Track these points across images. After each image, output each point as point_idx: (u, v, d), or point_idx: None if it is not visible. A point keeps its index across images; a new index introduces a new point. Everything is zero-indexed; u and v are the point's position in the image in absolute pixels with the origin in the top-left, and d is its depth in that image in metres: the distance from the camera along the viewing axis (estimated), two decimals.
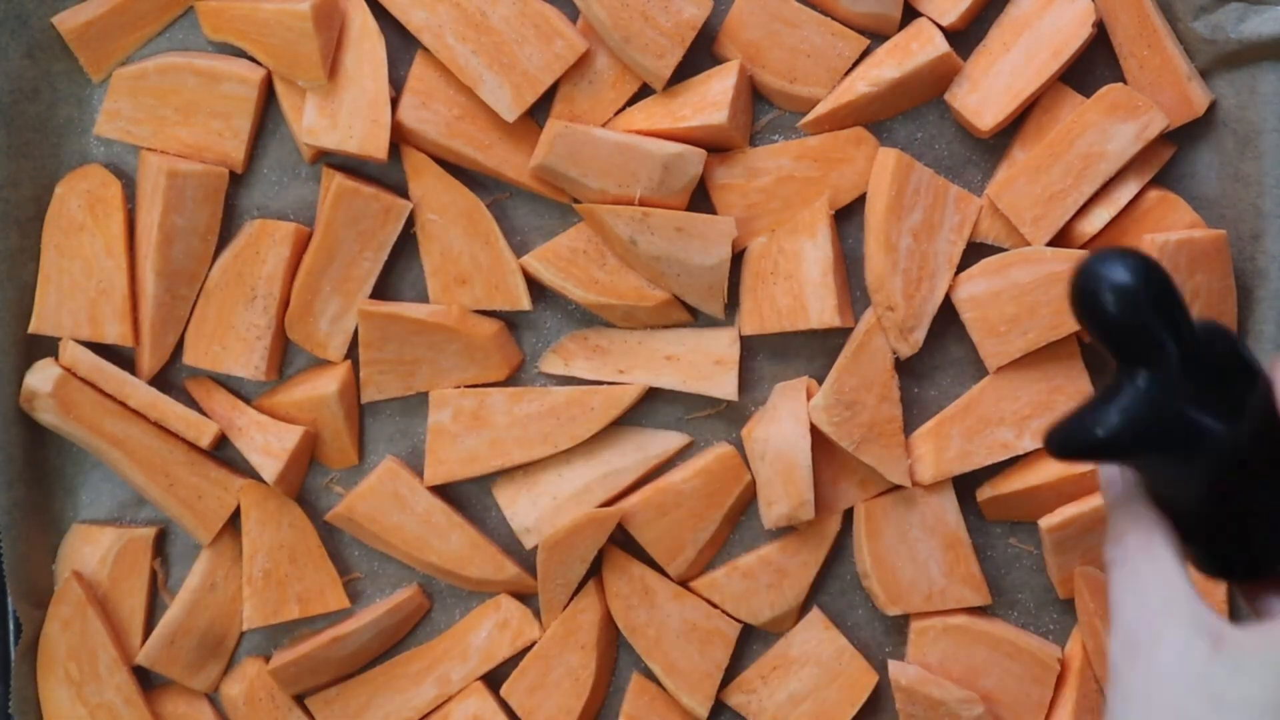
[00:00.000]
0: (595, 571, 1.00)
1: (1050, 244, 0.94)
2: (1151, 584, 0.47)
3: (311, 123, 0.94)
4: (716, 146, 0.96)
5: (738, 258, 0.98)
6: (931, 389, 0.99)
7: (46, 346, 0.99)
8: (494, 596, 1.01)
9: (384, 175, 0.99)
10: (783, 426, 0.94)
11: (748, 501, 1.00)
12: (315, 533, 1.00)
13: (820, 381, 0.97)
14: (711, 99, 0.93)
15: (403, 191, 0.98)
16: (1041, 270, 0.92)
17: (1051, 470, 0.95)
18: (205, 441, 0.97)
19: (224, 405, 0.99)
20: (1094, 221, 0.94)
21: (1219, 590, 0.95)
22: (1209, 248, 0.92)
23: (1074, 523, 0.94)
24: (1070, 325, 0.93)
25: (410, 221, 0.98)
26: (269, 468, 0.96)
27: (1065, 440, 0.57)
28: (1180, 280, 0.92)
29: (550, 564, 0.97)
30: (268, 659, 1.01)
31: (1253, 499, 0.57)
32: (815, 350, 0.99)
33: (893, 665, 0.96)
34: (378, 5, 0.95)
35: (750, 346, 0.99)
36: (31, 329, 0.97)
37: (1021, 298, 0.93)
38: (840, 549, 1.00)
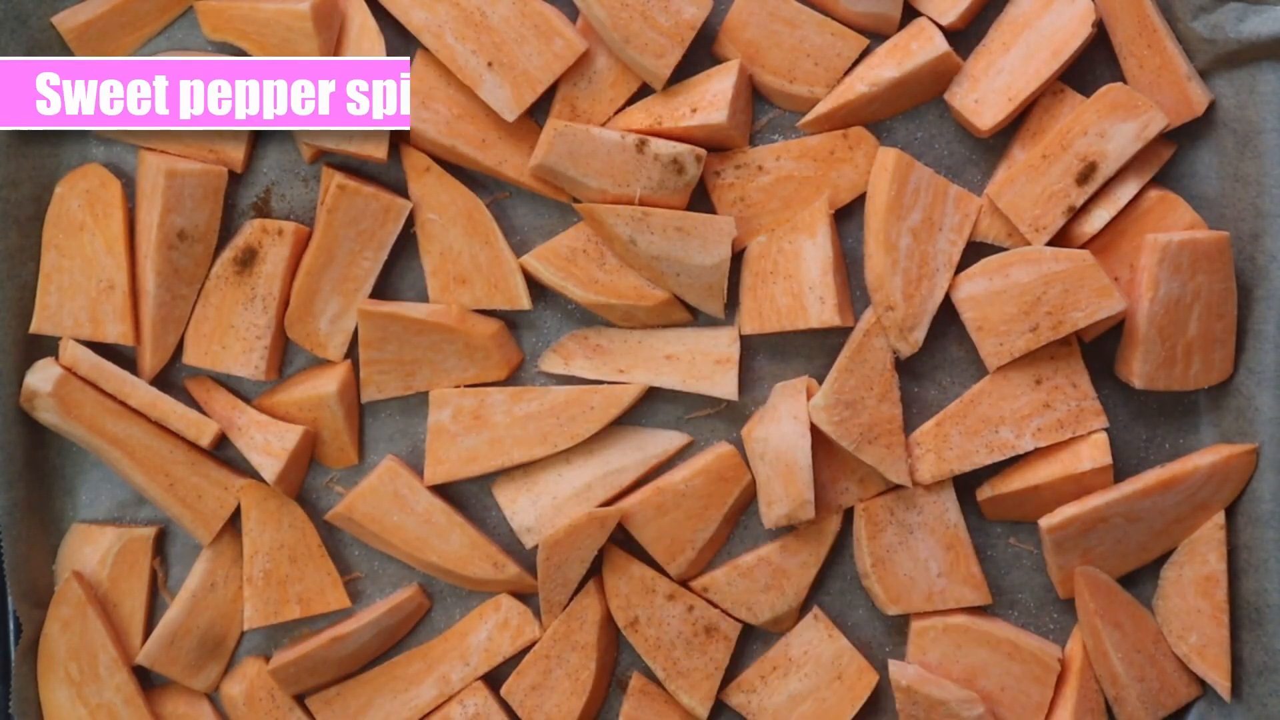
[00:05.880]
0: (595, 571, 1.00)
1: (1050, 244, 0.94)
2: None
3: None
4: (716, 146, 0.96)
5: (738, 257, 0.98)
6: (931, 389, 0.99)
7: (47, 346, 0.99)
8: (494, 596, 1.01)
9: (384, 175, 0.99)
10: (783, 426, 0.94)
11: (748, 501, 1.00)
12: (315, 533, 1.00)
13: (820, 381, 0.97)
14: (711, 99, 0.93)
15: (403, 191, 0.98)
16: (1041, 270, 0.92)
17: (1051, 470, 0.95)
18: (206, 441, 0.97)
19: (224, 405, 0.99)
20: (1094, 221, 0.94)
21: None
22: (1211, 249, 0.92)
23: (1074, 523, 0.94)
24: (1070, 325, 0.93)
25: (410, 221, 0.98)
26: (269, 467, 0.96)
27: None
28: (1182, 281, 0.92)
29: (550, 564, 0.97)
30: (268, 659, 1.01)
31: None
32: (815, 350, 0.99)
33: (893, 665, 0.96)
34: (378, 5, 0.95)
35: (750, 346, 0.99)
36: (32, 329, 0.97)
37: (1021, 297, 0.93)
38: (840, 549, 1.00)
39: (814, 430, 0.94)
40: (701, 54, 0.97)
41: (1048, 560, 0.97)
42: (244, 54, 0.97)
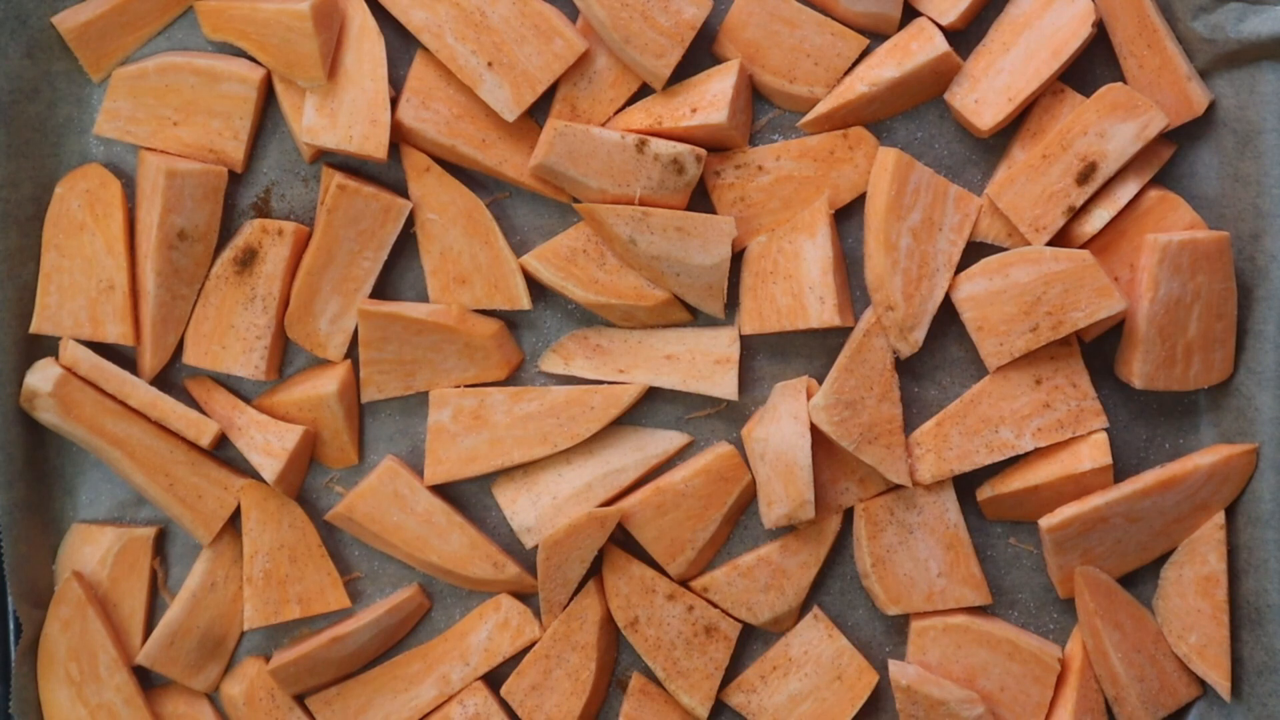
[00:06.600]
0: (595, 571, 1.00)
1: (1050, 243, 0.94)
2: None
3: (311, 122, 0.94)
4: (716, 146, 0.96)
5: (738, 257, 0.98)
6: (931, 389, 0.99)
7: (47, 346, 0.99)
8: (494, 596, 1.01)
9: (384, 175, 0.99)
10: (783, 426, 0.94)
11: (748, 501, 1.00)
12: (315, 532, 1.00)
13: (820, 381, 0.97)
14: (711, 99, 0.93)
15: (403, 191, 0.98)
16: (1041, 270, 0.92)
17: (1051, 470, 0.95)
18: (206, 441, 0.97)
19: (224, 405, 0.99)
20: (1094, 221, 0.94)
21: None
22: (1211, 249, 0.92)
23: (1074, 523, 0.94)
24: (1070, 325, 0.93)
25: (410, 221, 0.98)
26: (269, 467, 0.96)
27: None
28: (1182, 281, 0.92)
29: (550, 563, 0.97)
30: (268, 659, 1.01)
31: None
32: (815, 350, 0.99)
33: (893, 665, 0.96)
34: (378, 5, 0.95)
35: (750, 346, 0.99)
36: (32, 329, 0.97)
37: (1021, 297, 0.93)
38: (840, 549, 1.00)
39: (814, 430, 0.94)
40: (701, 54, 0.97)
41: (1048, 560, 0.97)
42: (244, 54, 0.97)
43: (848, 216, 0.98)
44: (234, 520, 1.00)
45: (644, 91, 0.97)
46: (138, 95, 0.96)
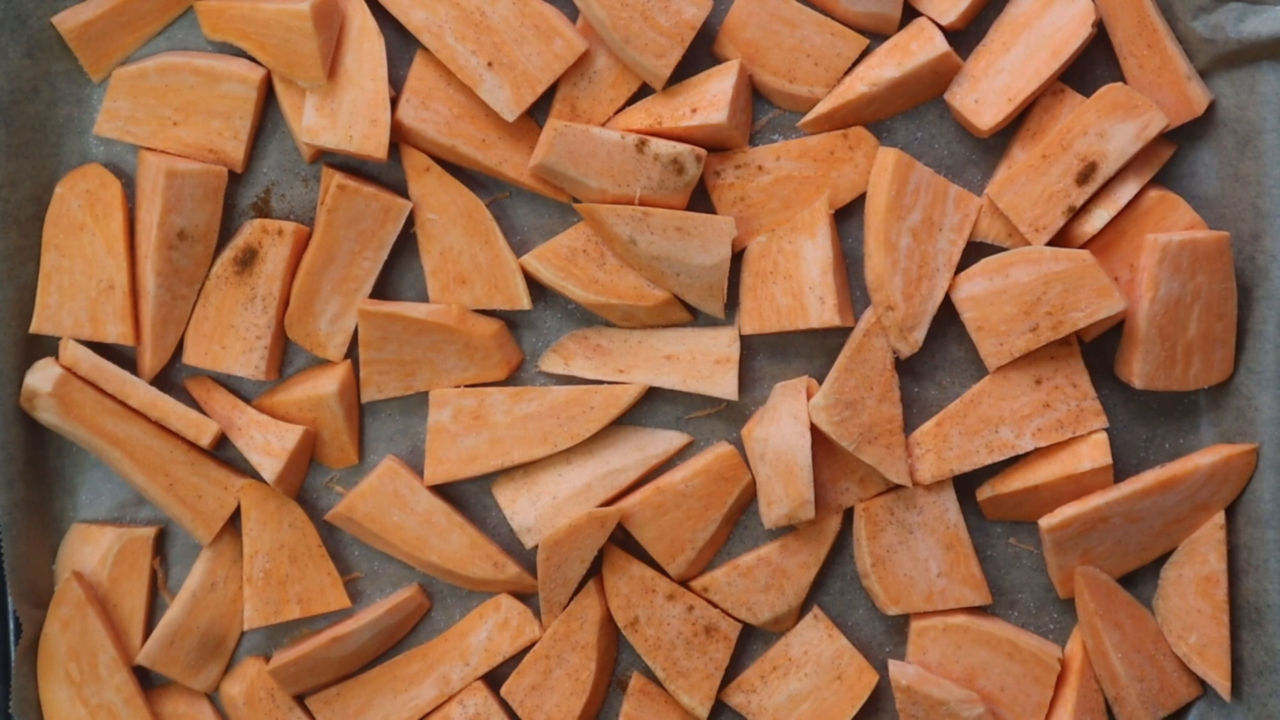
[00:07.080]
0: (595, 571, 1.00)
1: (1050, 243, 0.94)
2: None
3: (311, 122, 0.94)
4: (716, 146, 0.96)
5: (738, 257, 0.98)
6: (931, 389, 0.99)
7: (47, 346, 0.99)
8: (494, 596, 1.01)
9: (384, 175, 0.99)
10: (783, 426, 0.94)
11: (748, 501, 1.00)
12: (315, 532, 1.00)
13: (820, 381, 0.97)
14: (711, 99, 0.93)
15: (403, 191, 0.98)
16: (1041, 270, 0.92)
17: (1051, 470, 0.95)
18: (206, 441, 0.97)
19: (224, 405, 0.99)
20: (1094, 221, 0.94)
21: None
22: (1211, 249, 0.92)
23: (1074, 523, 0.94)
24: (1070, 325, 0.93)
25: (410, 221, 0.98)
26: (269, 467, 0.96)
27: None
28: (1182, 281, 0.92)
29: (550, 564, 0.97)
30: (268, 659, 1.01)
31: None
32: (815, 350, 0.99)
33: (893, 665, 0.96)
34: (378, 5, 0.95)
35: (750, 346, 0.99)
36: (32, 329, 0.97)
37: (1021, 297, 0.93)
38: (840, 549, 1.00)
39: (814, 430, 0.94)
40: (701, 54, 0.97)
41: (1048, 560, 0.97)
42: (244, 54, 0.97)
43: (848, 216, 0.98)
44: (234, 520, 1.00)
45: (644, 91, 0.97)
46: (138, 95, 0.96)
